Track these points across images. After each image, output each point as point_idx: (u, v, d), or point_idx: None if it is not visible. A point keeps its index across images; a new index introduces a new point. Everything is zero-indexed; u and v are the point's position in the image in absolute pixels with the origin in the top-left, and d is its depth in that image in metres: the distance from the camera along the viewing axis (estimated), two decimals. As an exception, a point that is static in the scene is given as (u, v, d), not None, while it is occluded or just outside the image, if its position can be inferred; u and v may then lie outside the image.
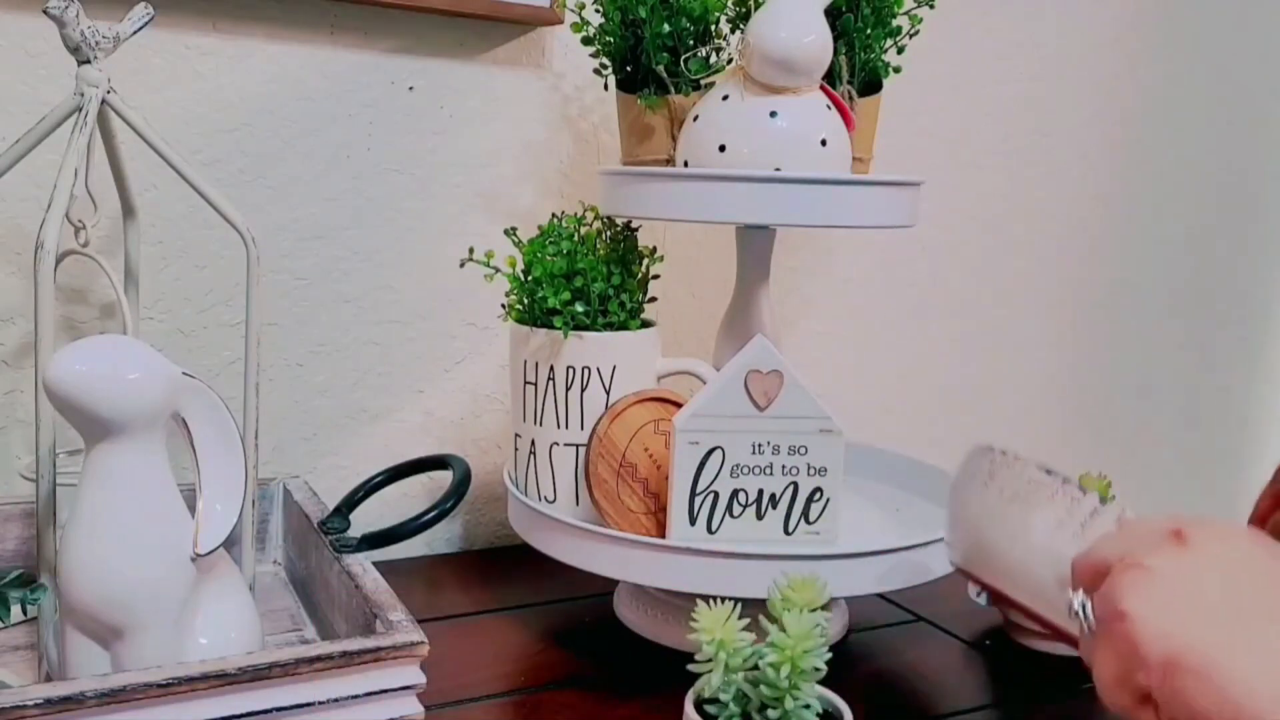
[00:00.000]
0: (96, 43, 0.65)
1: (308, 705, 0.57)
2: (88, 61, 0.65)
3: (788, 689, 0.56)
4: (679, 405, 0.77)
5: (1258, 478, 0.80)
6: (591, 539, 0.74)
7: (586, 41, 0.84)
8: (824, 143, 0.75)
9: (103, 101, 0.66)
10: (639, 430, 0.76)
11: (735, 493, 0.73)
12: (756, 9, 0.77)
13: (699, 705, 0.58)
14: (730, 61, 0.82)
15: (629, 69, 0.83)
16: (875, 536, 0.78)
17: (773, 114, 0.74)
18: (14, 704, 0.50)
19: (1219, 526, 0.48)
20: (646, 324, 0.81)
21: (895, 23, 0.83)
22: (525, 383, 0.80)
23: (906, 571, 0.75)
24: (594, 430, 0.76)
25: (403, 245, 0.97)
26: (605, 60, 0.84)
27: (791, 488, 0.73)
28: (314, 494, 0.84)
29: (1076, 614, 0.50)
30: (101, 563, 0.59)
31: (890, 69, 0.85)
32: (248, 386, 0.71)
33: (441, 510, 0.75)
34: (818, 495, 0.74)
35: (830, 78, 0.79)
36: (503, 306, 0.82)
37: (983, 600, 0.86)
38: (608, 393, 0.77)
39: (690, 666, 0.58)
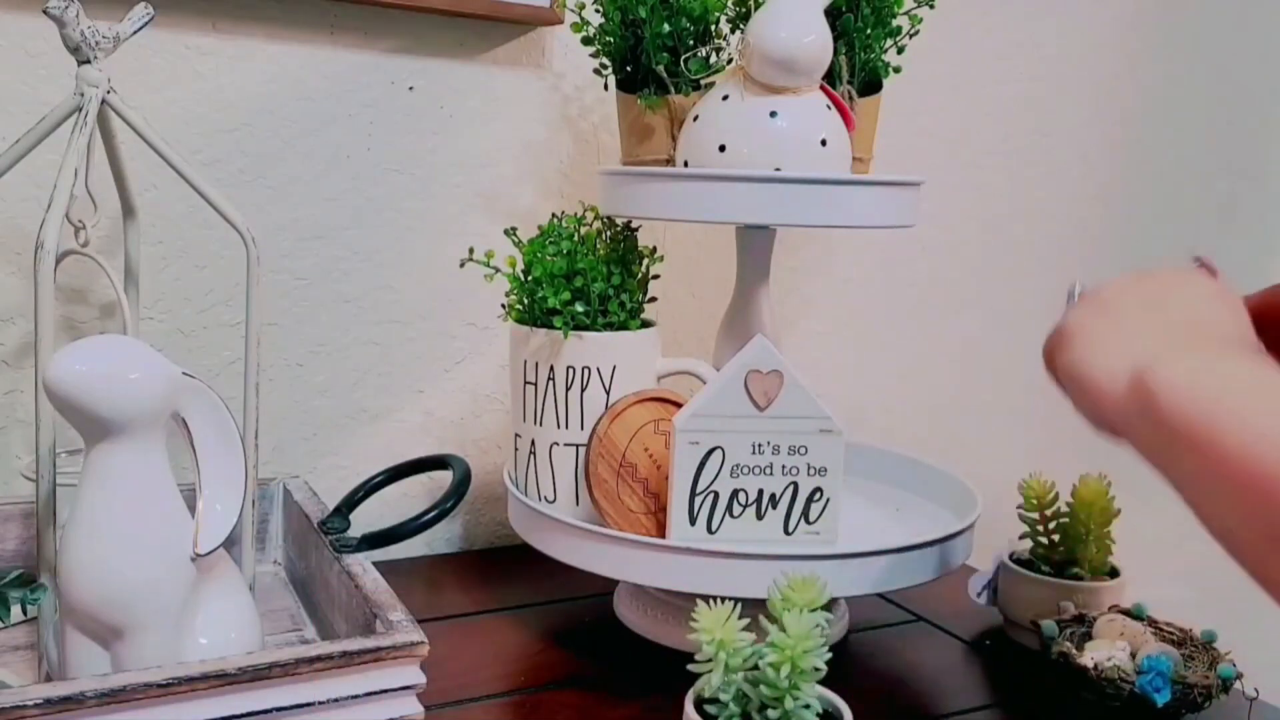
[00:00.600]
0: (96, 43, 0.65)
1: (308, 705, 0.57)
2: (88, 61, 0.65)
3: (788, 689, 0.56)
4: (679, 405, 0.77)
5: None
6: (591, 539, 0.74)
7: (586, 41, 0.84)
8: (824, 143, 0.75)
9: (103, 101, 0.66)
10: (639, 430, 0.76)
11: (735, 493, 0.73)
12: (756, 9, 0.77)
13: (699, 705, 0.58)
14: (730, 61, 0.82)
15: (629, 69, 0.83)
16: (875, 536, 0.78)
17: (773, 114, 0.74)
18: (14, 704, 0.50)
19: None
20: (646, 324, 0.81)
21: (895, 23, 0.83)
22: (525, 383, 0.80)
23: (906, 571, 0.75)
24: (594, 430, 0.76)
25: (403, 245, 0.97)
26: (605, 60, 0.84)
27: (791, 488, 0.73)
28: (314, 494, 0.84)
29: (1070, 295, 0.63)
30: (101, 563, 0.59)
31: (890, 69, 0.85)
32: (248, 386, 0.71)
33: (441, 510, 0.75)
34: (818, 495, 0.74)
35: (830, 78, 0.79)
36: (503, 306, 0.82)
37: (983, 600, 0.86)
38: (608, 393, 0.77)
39: (690, 666, 0.58)
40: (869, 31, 0.82)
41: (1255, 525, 0.44)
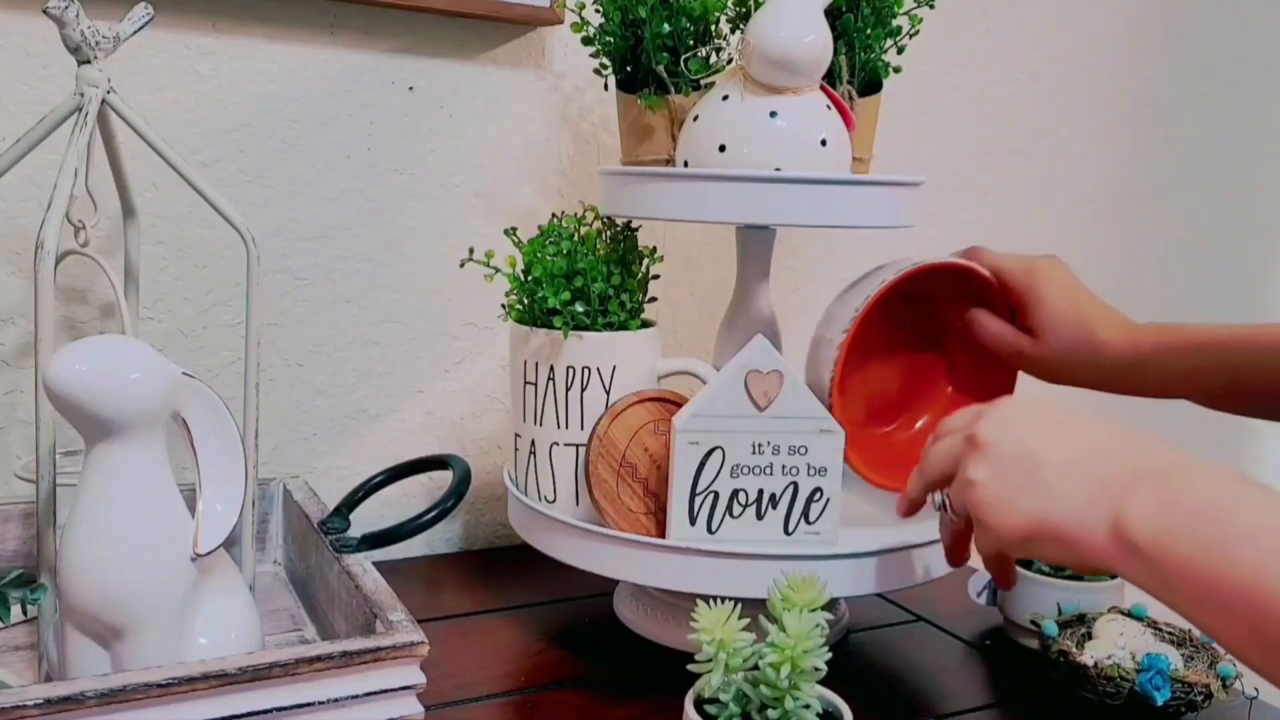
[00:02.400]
0: (96, 43, 0.65)
1: (308, 705, 0.57)
2: (88, 61, 0.65)
3: (788, 689, 0.56)
4: (679, 405, 0.77)
5: (1257, 475, 0.80)
6: (591, 539, 0.74)
7: (587, 41, 0.84)
8: (824, 143, 0.75)
9: (103, 101, 0.66)
10: (639, 430, 0.76)
11: (735, 493, 0.73)
12: (756, 9, 0.77)
13: (699, 705, 0.58)
14: (730, 61, 0.82)
15: (629, 69, 0.83)
16: (875, 536, 0.78)
17: (773, 114, 0.74)
18: (14, 704, 0.50)
19: (1003, 401, 0.63)
20: (646, 324, 0.81)
21: (895, 23, 0.83)
22: (525, 383, 0.80)
23: (906, 571, 0.75)
24: (594, 430, 0.76)
25: (403, 245, 0.97)
26: (605, 60, 0.84)
27: (791, 488, 0.73)
28: (314, 494, 0.84)
29: (941, 506, 0.65)
30: (101, 563, 0.59)
31: (890, 69, 0.85)
32: (248, 386, 0.71)
33: (441, 510, 0.75)
34: (818, 495, 0.74)
35: (830, 78, 0.79)
36: (503, 306, 0.82)
37: (983, 600, 0.86)
38: (608, 393, 0.77)
39: (690, 666, 0.58)
40: (869, 31, 0.82)
41: (1261, 640, 0.47)
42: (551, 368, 0.78)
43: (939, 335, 0.86)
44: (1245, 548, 0.48)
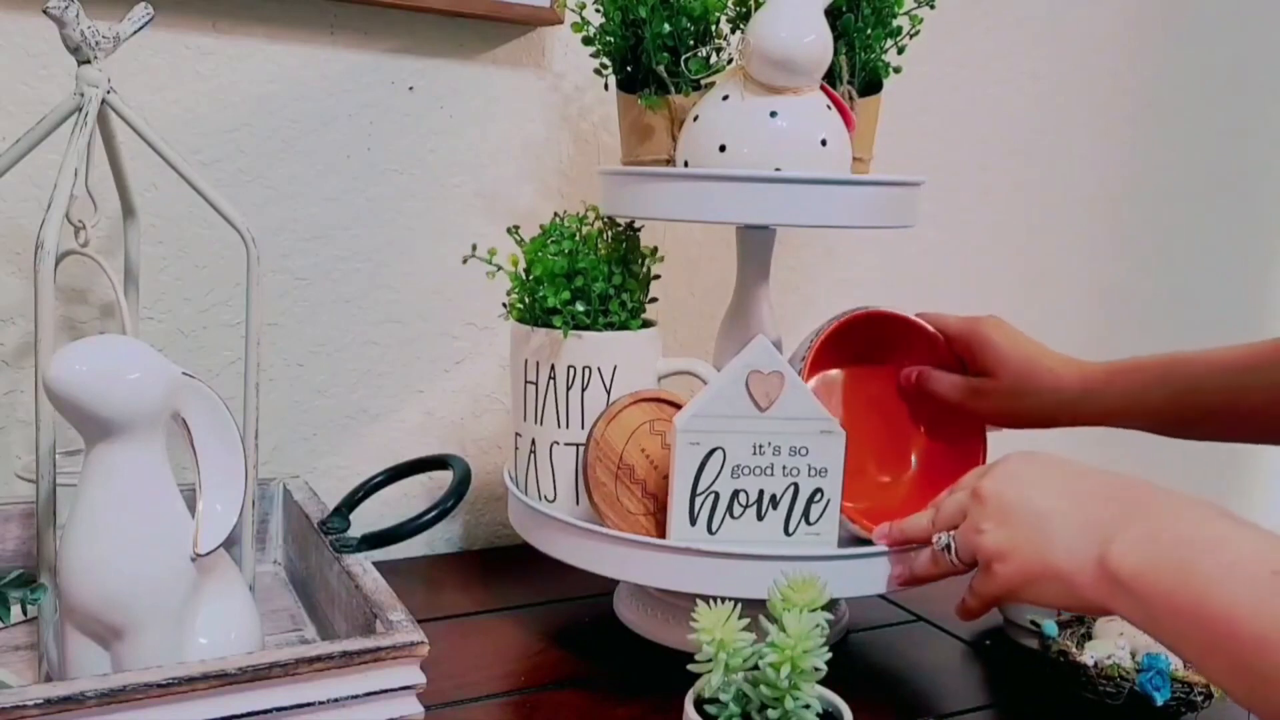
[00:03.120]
0: (96, 43, 0.65)
1: (308, 705, 0.57)
2: (88, 61, 0.65)
3: (788, 689, 0.56)
4: (674, 405, 0.77)
5: (1257, 471, 0.80)
6: (591, 539, 0.74)
7: (587, 41, 0.84)
8: (824, 143, 0.75)
9: (103, 101, 0.66)
10: (635, 431, 0.76)
11: (736, 493, 0.73)
12: (756, 9, 0.77)
13: (699, 705, 0.58)
14: (730, 61, 0.82)
15: (629, 69, 0.83)
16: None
17: (773, 114, 0.74)
18: (14, 704, 0.50)
19: (1009, 457, 0.67)
20: (647, 324, 0.81)
21: (895, 23, 0.83)
22: (526, 382, 0.80)
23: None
24: (590, 434, 0.76)
25: (403, 245, 0.96)
26: (605, 60, 0.84)
27: (792, 488, 0.73)
28: (314, 494, 0.84)
29: (946, 549, 0.69)
30: (101, 563, 0.59)
31: (890, 69, 0.85)
32: (248, 386, 0.70)
33: (441, 510, 0.75)
34: (819, 496, 0.74)
35: (830, 78, 0.79)
36: (504, 305, 0.82)
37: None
38: (608, 392, 0.77)
39: (690, 666, 0.58)
40: (869, 31, 0.82)
41: (1239, 670, 0.50)
42: (552, 367, 0.78)
43: (903, 387, 0.86)
44: (1220, 579, 0.51)
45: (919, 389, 0.83)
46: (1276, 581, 0.49)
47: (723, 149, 0.75)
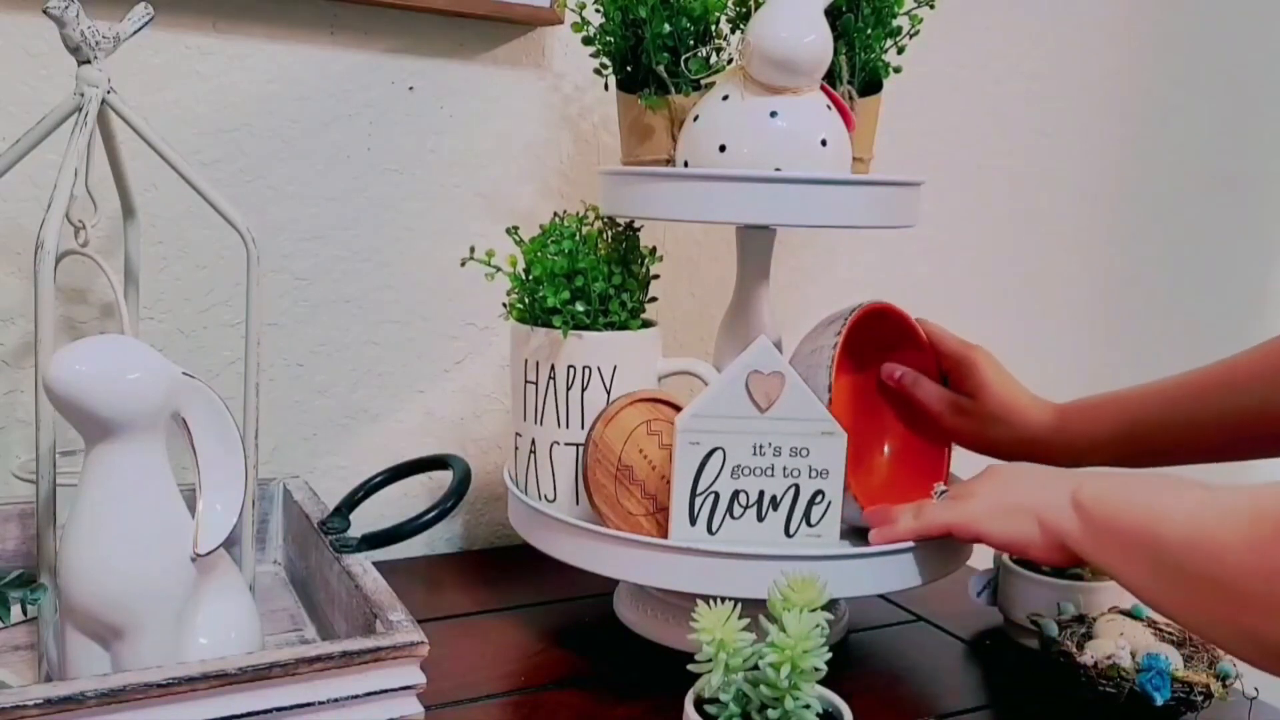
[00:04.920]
0: (96, 43, 0.65)
1: (308, 705, 0.57)
2: (88, 61, 0.65)
3: (788, 689, 0.56)
4: (671, 405, 0.77)
5: (1256, 470, 0.80)
6: (592, 539, 0.74)
7: (587, 41, 0.84)
8: (824, 143, 0.75)
9: (103, 101, 0.66)
10: (633, 432, 0.76)
11: (736, 494, 0.73)
12: (756, 9, 0.77)
13: (699, 705, 0.58)
14: (730, 61, 0.82)
15: (629, 69, 0.83)
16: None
17: (773, 114, 0.74)
18: (14, 704, 0.50)
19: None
20: (647, 324, 0.81)
21: (895, 23, 0.83)
22: (526, 382, 0.80)
23: (906, 571, 0.75)
24: (588, 436, 0.76)
25: (403, 245, 0.96)
26: (605, 60, 0.84)
27: (793, 489, 0.73)
28: (314, 494, 0.84)
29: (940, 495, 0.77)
30: (101, 563, 0.59)
31: (890, 69, 0.85)
32: (248, 386, 0.70)
33: (441, 510, 0.75)
34: (819, 498, 0.74)
35: (830, 78, 0.79)
36: (504, 305, 0.82)
37: (983, 600, 0.86)
38: (608, 392, 0.77)
39: (690, 666, 0.58)
40: (869, 31, 0.82)
41: (1201, 591, 0.54)
42: (552, 367, 0.77)
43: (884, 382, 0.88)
44: (1166, 504, 0.58)
45: (902, 390, 0.85)
46: (1208, 496, 0.56)
47: (723, 149, 0.75)
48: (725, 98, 0.76)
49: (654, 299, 0.82)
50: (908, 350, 0.85)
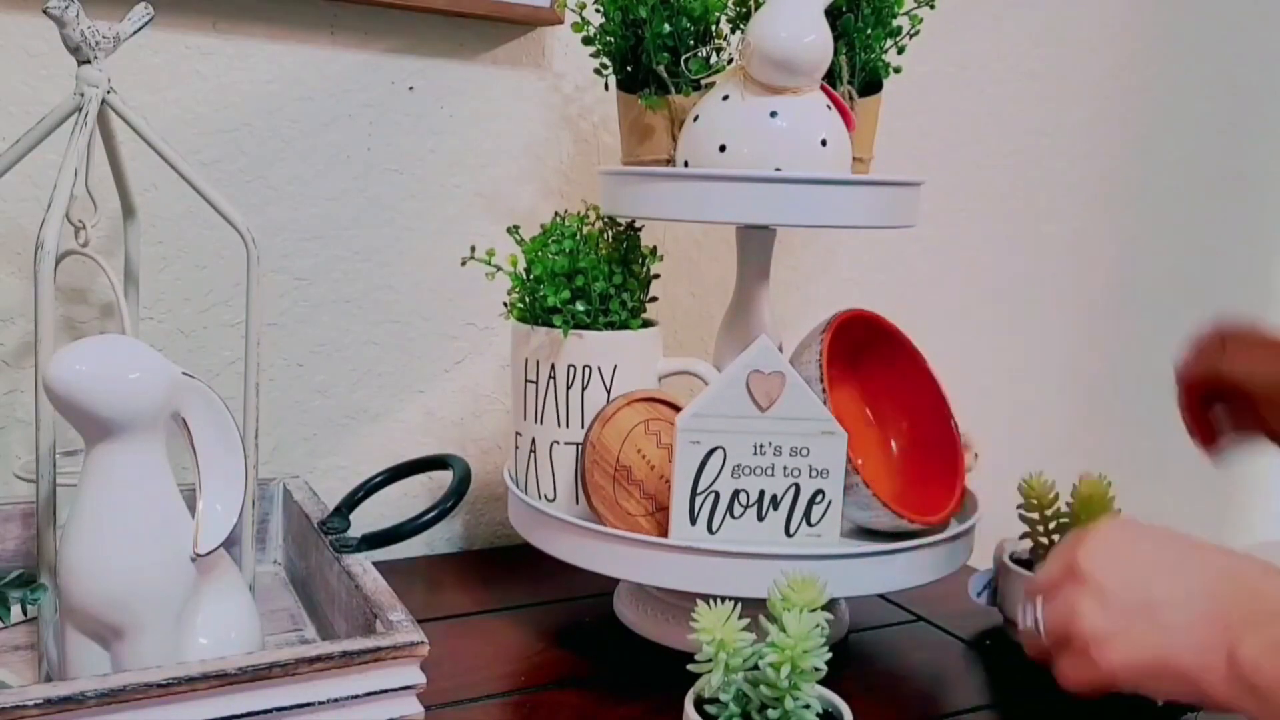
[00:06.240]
0: (96, 43, 0.65)
1: (308, 705, 0.57)
2: (88, 61, 0.65)
3: (788, 689, 0.56)
4: (669, 404, 0.77)
5: (1257, 475, 0.80)
6: (592, 538, 0.74)
7: (587, 41, 0.84)
8: (824, 143, 0.75)
9: (103, 101, 0.66)
10: (630, 432, 0.76)
11: (736, 493, 0.73)
12: (757, 9, 0.77)
13: (699, 705, 0.58)
14: (730, 61, 0.82)
15: (629, 69, 0.83)
16: (875, 536, 0.78)
17: (773, 114, 0.74)
18: (14, 704, 0.50)
19: (1103, 529, 0.60)
20: (648, 324, 0.81)
21: (895, 23, 0.83)
22: (526, 381, 0.80)
23: (906, 571, 0.75)
24: (586, 437, 0.76)
25: (403, 245, 0.96)
26: (605, 60, 0.84)
27: (793, 489, 0.73)
28: (314, 494, 0.84)
29: (1034, 626, 0.61)
30: (101, 563, 0.58)
31: (890, 69, 0.85)
32: (248, 386, 0.70)
33: (441, 510, 0.75)
34: (819, 498, 0.74)
35: (830, 78, 0.79)
36: (505, 305, 0.82)
37: (983, 600, 0.86)
38: (608, 392, 0.77)
39: (690, 666, 0.58)
40: (869, 31, 0.82)
41: None
42: (552, 366, 0.78)
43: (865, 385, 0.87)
44: None
45: (1207, 401, 0.76)
46: None
47: (723, 149, 0.75)
48: (725, 98, 0.76)
49: (654, 299, 0.82)
50: (900, 357, 0.85)
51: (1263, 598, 0.54)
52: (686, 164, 0.78)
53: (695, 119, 0.77)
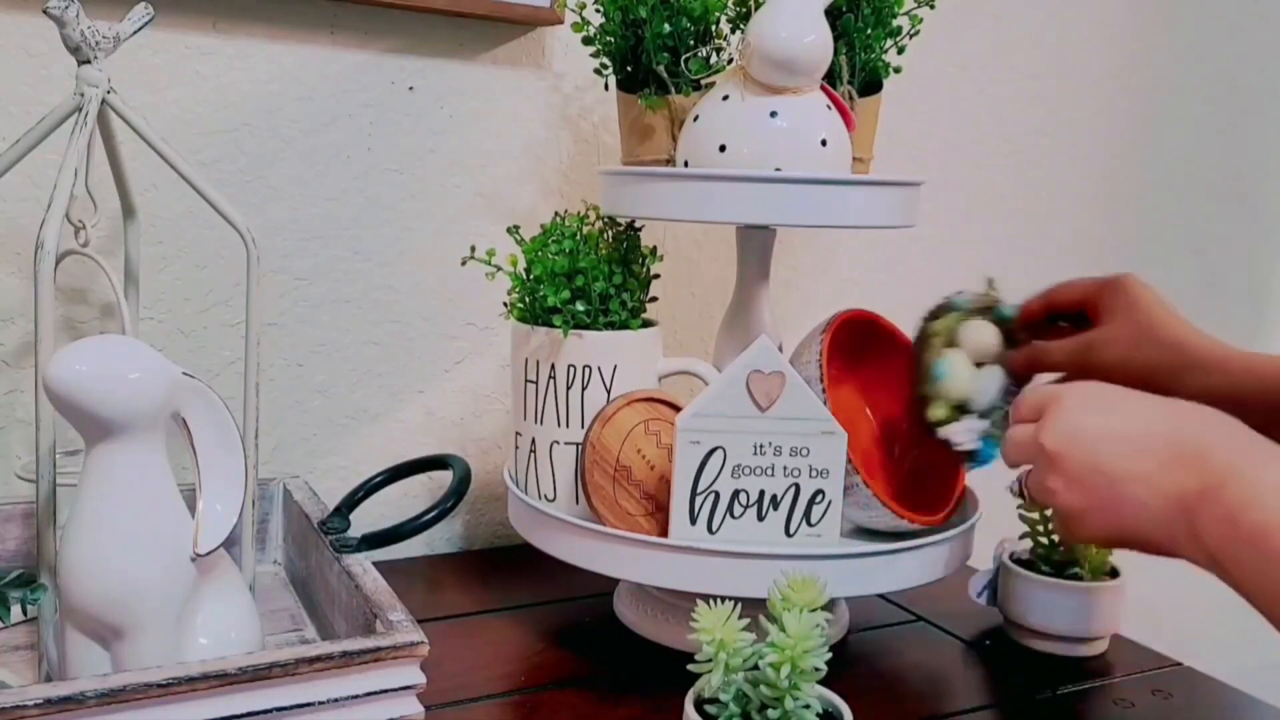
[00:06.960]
0: (96, 43, 0.65)
1: (308, 705, 0.57)
2: (88, 61, 0.65)
3: (788, 689, 0.56)
4: (668, 404, 0.77)
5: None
6: (592, 538, 0.74)
7: (587, 41, 0.84)
8: (824, 143, 0.75)
9: (103, 101, 0.66)
10: (630, 432, 0.76)
11: (736, 493, 0.73)
12: (757, 9, 0.77)
13: (699, 705, 0.58)
14: (730, 61, 0.82)
15: (629, 69, 0.83)
16: (875, 536, 0.78)
17: (773, 114, 0.74)
18: (14, 704, 0.50)
19: (1064, 400, 0.62)
20: (648, 324, 0.81)
21: (895, 23, 0.83)
22: (526, 381, 0.80)
23: (906, 571, 0.75)
24: (585, 437, 0.76)
25: (403, 245, 0.96)
26: (605, 60, 0.84)
27: (793, 489, 0.73)
28: (314, 494, 0.84)
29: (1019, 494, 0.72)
30: (101, 563, 0.58)
31: (890, 69, 0.85)
32: (248, 386, 0.71)
33: (441, 510, 0.75)
34: (819, 498, 0.74)
35: (830, 78, 0.79)
36: (505, 305, 0.82)
37: (983, 600, 0.86)
38: (608, 392, 0.77)
39: (690, 666, 0.58)
40: (869, 31, 0.82)
41: None
42: (553, 366, 0.78)
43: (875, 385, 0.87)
44: None
45: (1032, 369, 0.77)
46: None
47: (723, 149, 0.75)
48: (725, 98, 0.76)
49: (654, 299, 0.82)
50: (900, 358, 0.85)
51: (1209, 463, 0.55)
52: (686, 164, 0.78)
53: (695, 119, 0.77)
